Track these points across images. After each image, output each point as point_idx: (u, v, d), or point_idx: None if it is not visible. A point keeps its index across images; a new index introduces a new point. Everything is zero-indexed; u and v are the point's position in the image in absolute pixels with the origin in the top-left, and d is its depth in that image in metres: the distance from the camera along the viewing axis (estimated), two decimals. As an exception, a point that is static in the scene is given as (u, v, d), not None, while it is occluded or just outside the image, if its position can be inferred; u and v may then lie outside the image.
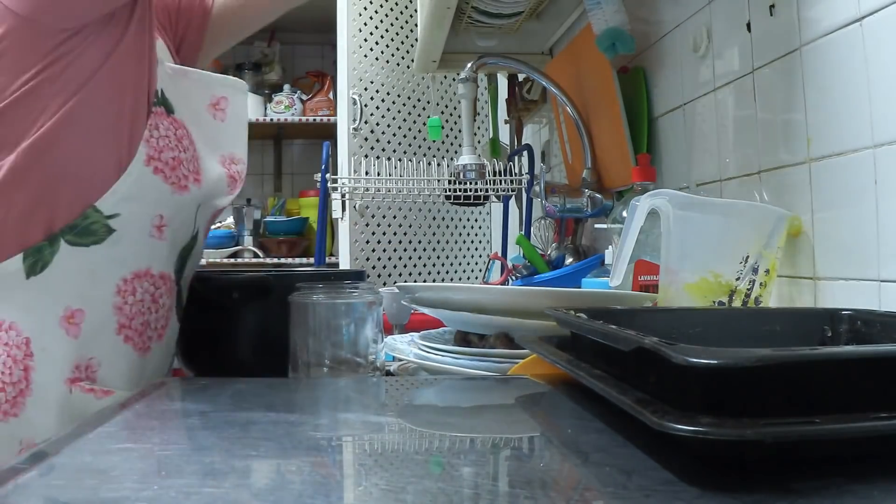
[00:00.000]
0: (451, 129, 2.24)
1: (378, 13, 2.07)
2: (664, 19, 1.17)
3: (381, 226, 2.03)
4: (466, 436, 0.50)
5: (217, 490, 0.36)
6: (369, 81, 2.03)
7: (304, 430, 0.50)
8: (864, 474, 0.37)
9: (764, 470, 0.37)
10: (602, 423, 0.48)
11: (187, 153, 0.85)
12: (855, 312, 0.60)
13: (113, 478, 0.38)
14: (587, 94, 1.40)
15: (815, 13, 0.78)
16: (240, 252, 2.89)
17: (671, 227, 0.81)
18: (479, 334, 0.84)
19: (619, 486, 0.37)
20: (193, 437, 0.49)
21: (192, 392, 0.66)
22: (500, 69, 1.89)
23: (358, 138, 2.00)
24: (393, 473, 0.41)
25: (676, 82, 1.13)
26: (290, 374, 0.78)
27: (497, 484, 0.39)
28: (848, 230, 0.74)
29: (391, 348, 0.89)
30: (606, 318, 0.55)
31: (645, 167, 1.08)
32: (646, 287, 0.93)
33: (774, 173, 0.87)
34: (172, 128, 0.84)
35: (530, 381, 0.64)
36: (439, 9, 1.36)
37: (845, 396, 0.38)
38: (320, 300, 0.77)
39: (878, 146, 0.69)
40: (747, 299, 0.79)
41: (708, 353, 0.37)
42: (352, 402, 0.62)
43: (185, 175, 0.84)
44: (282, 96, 2.92)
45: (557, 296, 0.80)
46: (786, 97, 0.84)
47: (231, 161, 0.94)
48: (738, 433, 0.34)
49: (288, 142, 3.30)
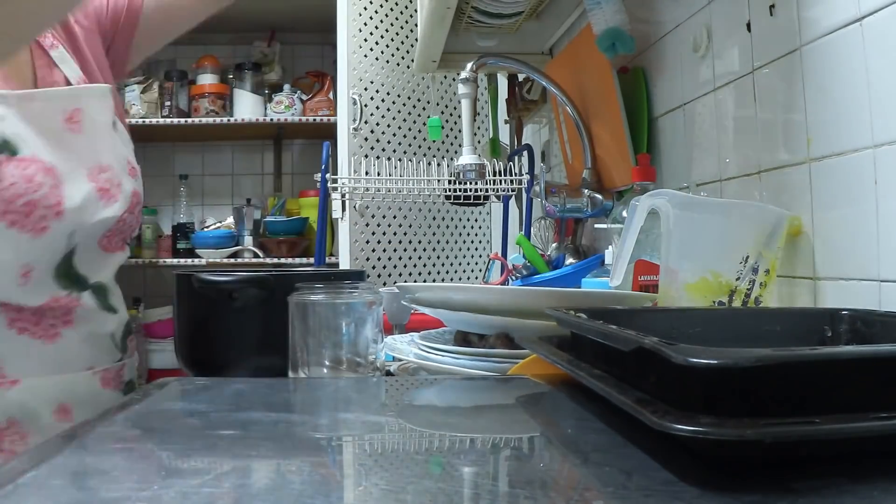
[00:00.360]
0: (451, 129, 2.24)
1: (378, 13, 2.07)
2: (664, 19, 1.17)
3: (381, 226, 2.03)
4: (466, 436, 0.50)
5: (217, 490, 0.36)
6: (369, 81, 2.03)
7: (304, 430, 0.50)
8: (864, 474, 0.37)
9: (764, 470, 0.37)
10: (602, 423, 0.48)
11: (42, 189, 0.85)
12: (855, 312, 0.60)
13: (113, 478, 0.38)
14: (587, 94, 1.40)
15: (815, 13, 0.78)
16: (240, 252, 2.89)
17: (671, 227, 0.81)
18: (479, 334, 0.84)
19: (619, 486, 0.37)
20: (193, 437, 0.49)
21: (192, 392, 0.66)
22: (500, 69, 1.89)
23: (358, 138, 2.00)
24: (393, 473, 0.41)
25: (676, 82, 1.13)
26: (290, 374, 0.78)
27: (497, 484, 0.39)
28: (848, 230, 0.74)
29: (391, 348, 0.89)
30: (606, 318, 0.55)
31: (645, 167, 1.08)
32: (646, 287, 0.93)
33: (774, 173, 0.87)
34: (19, 170, 0.84)
35: (530, 381, 0.64)
36: (439, 9, 1.36)
37: (845, 396, 0.38)
38: (320, 300, 0.77)
39: (878, 146, 0.69)
40: (747, 299, 0.79)
41: (708, 353, 0.37)
42: (352, 402, 0.62)
43: (42, 216, 0.85)
44: (282, 96, 2.92)
45: (557, 296, 0.80)
46: (786, 97, 0.84)
47: (99, 171, 0.92)
48: (738, 433, 0.34)
49: (288, 142, 3.30)
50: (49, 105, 0.90)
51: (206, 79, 2.95)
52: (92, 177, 0.91)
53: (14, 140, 0.85)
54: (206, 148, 3.23)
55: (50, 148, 0.88)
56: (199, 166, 3.24)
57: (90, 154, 0.93)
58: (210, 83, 2.93)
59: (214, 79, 2.96)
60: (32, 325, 0.89)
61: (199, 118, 2.85)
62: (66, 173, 0.88)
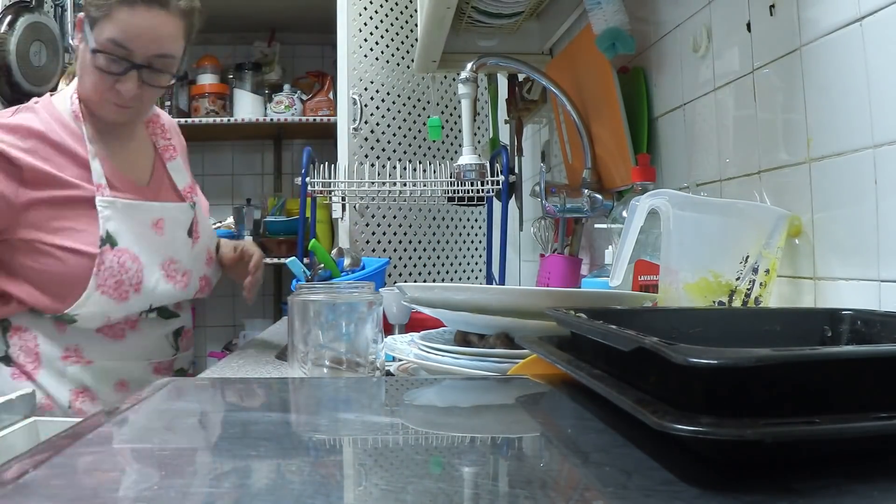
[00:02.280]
0: (451, 129, 2.24)
1: (378, 13, 2.07)
2: (664, 19, 1.17)
3: (381, 226, 2.03)
4: (466, 436, 0.50)
5: (217, 490, 0.36)
6: (369, 81, 2.03)
7: (304, 430, 0.50)
8: (864, 474, 0.37)
9: (764, 470, 0.37)
10: (602, 423, 0.48)
11: (129, 273, 1.21)
12: (855, 312, 0.59)
13: (113, 478, 0.38)
14: (587, 94, 1.40)
15: (815, 13, 0.78)
16: (240, 252, 2.88)
17: (671, 227, 0.81)
18: (479, 334, 0.84)
19: (619, 486, 0.37)
20: (193, 437, 0.49)
21: (192, 392, 0.66)
22: (500, 69, 1.89)
23: (358, 138, 2.00)
24: (393, 473, 0.41)
25: (676, 82, 1.13)
26: (290, 373, 0.78)
27: (497, 484, 0.39)
28: (848, 230, 0.74)
29: (391, 348, 0.89)
30: (606, 318, 0.55)
31: (645, 167, 1.08)
32: (646, 287, 0.93)
33: (774, 173, 0.87)
34: (116, 257, 1.20)
35: (530, 381, 0.64)
36: (439, 9, 1.36)
37: (845, 396, 0.38)
38: (320, 300, 0.77)
39: (878, 146, 0.69)
40: (747, 299, 0.79)
41: (708, 353, 0.37)
42: (352, 402, 0.62)
43: (125, 290, 1.22)
44: (282, 96, 2.92)
45: (557, 296, 0.80)
46: (786, 97, 0.84)
47: (171, 262, 1.29)
48: (738, 433, 0.34)
49: (288, 142, 3.30)
50: (142, 213, 1.26)
51: (207, 79, 2.95)
52: (164, 267, 1.28)
53: (116, 235, 1.20)
54: (206, 148, 3.23)
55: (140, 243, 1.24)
56: (199, 166, 3.24)
57: (166, 250, 1.28)
58: (210, 83, 2.93)
59: (214, 79, 2.96)
60: (107, 328, 1.25)
61: (199, 118, 2.85)
62: (149, 261, 1.25)
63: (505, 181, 1.40)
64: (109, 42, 1.15)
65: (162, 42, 1.18)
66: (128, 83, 1.18)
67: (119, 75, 1.18)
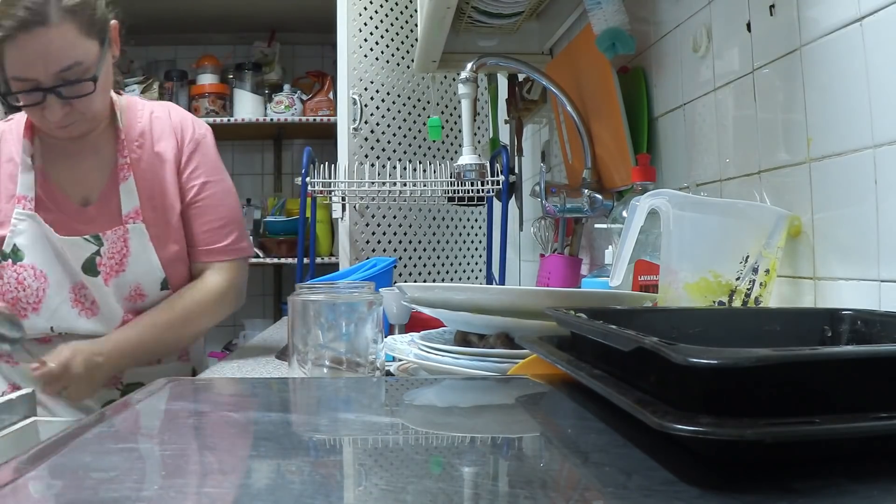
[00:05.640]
0: (451, 129, 2.24)
1: (378, 13, 2.07)
2: (664, 19, 1.17)
3: (381, 226, 2.03)
4: (466, 436, 0.50)
5: (217, 490, 0.36)
6: (369, 81, 2.03)
7: (304, 430, 0.50)
8: (864, 474, 0.37)
9: (764, 470, 0.37)
10: (602, 423, 0.48)
11: (26, 291, 1.22)
12: (855, 312, 0.59)
13: (113, 478, 0.38)
14: (587, 94, 1.40)
15: (815, 13, 0.78)
16: (240, 252, 2.88)
17: (671, 227, 0.81)
18: (479, 334, 0.84)
19: (619, 486, 0.37)
20: (193, 437, 0.49)
21: (192, 392, 0.66)
22: (500, 69, 1.89)
23: (358, 138, 2.00)
24: (393, 473, 0.41)
25: (676, 82, 1.13)
26: (290, 373, 0.78)
27: (497, 484, 0.39)
28: (848, 230, 0.74)
29: (391, 348, 0.88)
30: (606, 318, 0.55)
31: (645, 167, 1.08)
32: (646, 287, 0.93)
33: (774, 173, 0.87)
34: (15, 273, 1.22)
35: (530, 381, 0.64)
36: (439, 9, 1.36)
37: (845, 396, 0.38)
38: (320, 300, 0.77)
39: (878, 146, 0.69)
40: (747, 299, 0.79)
41: (708, 353, 0.37)
42: (352, 402, 0.62)
43: (23, 308, 1.23)
44: (282, 96, 2.92)
45: (557, 296, 0.80)
46: (786, 97, 0.84)
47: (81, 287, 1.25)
48: (738, 433, 0.34)
49: (288, 142, 3.30)
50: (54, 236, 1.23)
51: (207, 79, 2.95)
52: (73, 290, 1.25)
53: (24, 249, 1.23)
54: (206, 148, 3.22)
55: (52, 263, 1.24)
56: (199, 166, 3.24)
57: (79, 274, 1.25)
58: (210, 83, 2.93)
59: (214, 79, 2.96)
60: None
61: (199, 118, 2.85)
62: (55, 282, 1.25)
63: (505, 181, 1.40)
64: (14, 80, 1.13)
65: (59, 57, 1.11)
66: (51, 108, 1.15)
67: (39, 104, 1.15)
